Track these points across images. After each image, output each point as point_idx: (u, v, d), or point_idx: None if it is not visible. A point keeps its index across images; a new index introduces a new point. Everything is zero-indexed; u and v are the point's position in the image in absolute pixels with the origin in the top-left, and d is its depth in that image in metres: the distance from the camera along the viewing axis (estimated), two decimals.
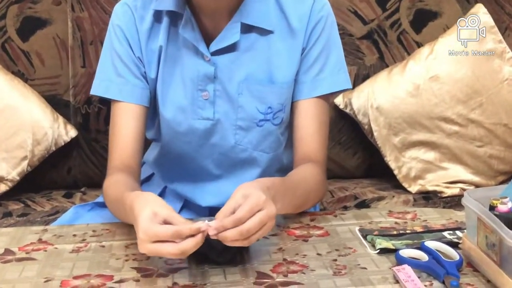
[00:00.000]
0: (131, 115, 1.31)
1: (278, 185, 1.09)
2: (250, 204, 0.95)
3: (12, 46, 1.89)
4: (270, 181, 1.07)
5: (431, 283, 0.95)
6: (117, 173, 1.26)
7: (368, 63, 1.98)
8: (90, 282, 0.98)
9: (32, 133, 1.80)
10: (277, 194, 1.05)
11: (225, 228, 0.94)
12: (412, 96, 1.85)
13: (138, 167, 1.32)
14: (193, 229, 0.94)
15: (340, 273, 0.99)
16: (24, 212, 1.75)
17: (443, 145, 1.87)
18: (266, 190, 1.00)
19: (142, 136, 1.33)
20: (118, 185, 1.20)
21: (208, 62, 1.29)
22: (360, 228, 1.16)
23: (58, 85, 1.90)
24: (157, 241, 0.94)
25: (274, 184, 1.07)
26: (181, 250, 0.93)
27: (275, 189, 1.05)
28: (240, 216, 0.94)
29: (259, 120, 1.33)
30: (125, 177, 1.24)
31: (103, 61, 1.34)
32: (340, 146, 1.98)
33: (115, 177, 1.25)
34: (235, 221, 0.94)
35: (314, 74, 1.32)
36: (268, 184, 1.04)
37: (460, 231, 1.12)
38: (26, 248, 1.12)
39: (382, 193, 1.86)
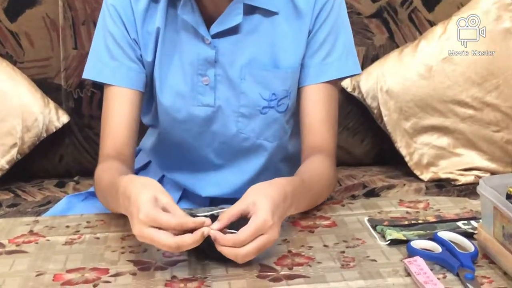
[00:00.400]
0: (125, 100, 1.30)
1: (297, 187, 1.09)
2: (254, 228, 0.95)
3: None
4: (290, 185, 1.06)
5: (444, 275, 0.95)
6: (109, 161, 1.26)
7: (377, 43, 1.97)
8: (84, 275, 0.98)
9: (22, 119, 1.80)
10: (294, 199, 1.06)
11: (223, 244, 0.95)
12: (424, 78, 1.85)
13: (131, 155, 1.32)
14: (197, 222, 0.94)
15: (348, 265, 0.99)
16: (14, 203, 1.76)
17: (457, 130, 1.86)
18: (281, 202, 1.01)
19: (137, 123, 1.32)
20: (110, 172, 1.20)
21: (208, 45, 1.28)
22: (369, 218, 1.16)
23: (49, 68, 1.90)
24: (155, 228, 0.94)
25: (294, 187, 1.07)
26: (177, 243, 0.93)
27: (293, 194, 1.05)
28: (241, 240, 0.95)
29: (263, 107, 1.32)
30: (118, 164, 1.24)
31: (96, 43, 1.34)
32: (347, 132, 1.98)
33: (107, 164, 1.25)
34: (235, 242, 0.95)
35: (321, 58, 1.31)
36: (287, 190, 1.04)
37: (475, 221, 1.13)
38: (17, 240, 1.12)
39: (392, 181, 1.86)
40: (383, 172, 1.94)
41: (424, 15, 1.97)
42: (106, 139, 1.30)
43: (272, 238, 0.97)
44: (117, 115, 1.30)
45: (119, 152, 1.28)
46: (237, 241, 0.95)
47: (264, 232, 0.96)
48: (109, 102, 1.32)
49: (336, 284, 0.93)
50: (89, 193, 1.44)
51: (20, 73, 1.84)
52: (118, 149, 1.28)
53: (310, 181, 1.17)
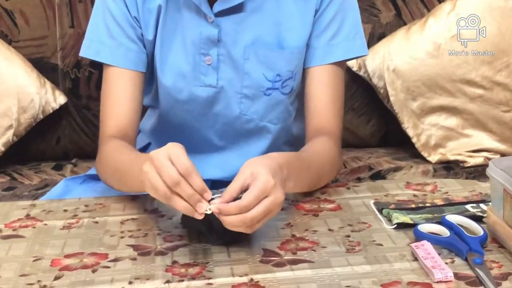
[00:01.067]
0: (126, 81, 1.30)
1: (293, 161, 1.08)
2: (257, 190, 0.94)
3: None
4: (283, 157, 1.06)
5: (452, 260, 0.95)
6: (116, 140, 1.25)
7: (384, 20, 1.96)
8: (82, 261, 0.99)
9: (18, 100, 1.80)
10: (290, 172, 1.04)
11: (228, 213, 0.94)
12: (432, 57, 1.84)
13: (134, 137, 1.32)
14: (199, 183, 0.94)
15: (353, 250, 1.00)
16: (11, 186, 1.76)
17: (466, 110, 1.86)
18: (278, 169, 0.99)
19: (139, 105, 1.32)
20: (123, 150, 1.20)
21: (211, 23, 1.28)
22: (375, 202, 1.16)
23: (45, 47, 1.90)
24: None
25: (288, 160, 1.06)
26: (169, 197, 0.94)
27: (288, 167, 1.04)
28: (246, 204, 0.93)
29: (267, 88, 1.32)
30: (126, 144, 1.24)
31: (95, 20, 1.33)
32: (353, 112, 1.97)
33: (114, 143, 1.25)
34: (240, 208, 0.93)
35: (327, 38, 1.31)
36: (281, 161, 1.02)
37: (484, 204, 1.12)
38: (13, 224, 1.12)
39: (399, 163, 1.86)
40: (389, 154, 1.94)
41: None
42: (107, 120, 1.30)
43: (278, 200, 0.95)
44: (118, 96, 1.30)
45: (122, 134, 1.28)
46: (242, 205, 0.93)
47: (268, 193, 0.94)
48: (109, 83, 1.31)
49: (341, 269, 0.94)
50: (87, 176, 1.44)
51: (16, 52, 1.84)
52: (121, 131, 1.29)
53: (308, 159, 1.16)
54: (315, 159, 1.19)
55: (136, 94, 1.31)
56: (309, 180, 1.16)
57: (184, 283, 0.91)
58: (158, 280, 0.92)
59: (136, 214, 1.15)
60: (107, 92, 1.32)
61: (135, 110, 1.31)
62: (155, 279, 0.92)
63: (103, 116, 1.32)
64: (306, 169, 1.14)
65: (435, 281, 0.89)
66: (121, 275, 0.94)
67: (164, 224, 1.10)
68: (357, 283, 0.89)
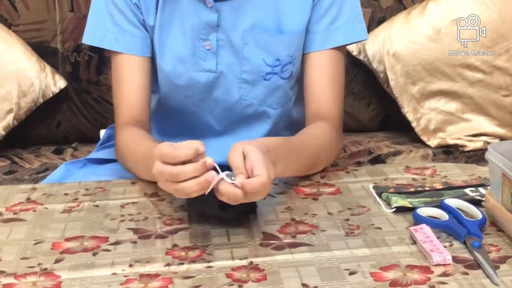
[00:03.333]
0: (134, 67, 1.30)
1: (281, 145, 1.08)
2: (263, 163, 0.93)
3: None
4: (270, 141, 1.05)
5: (451, 244, 0.96)
6: (131, 128, 1.26)
7: (384, 5, 1.96)
8: (83, 244, 0.99)
9: (17, 84, 1.80)
10: (278, 155, 1.04)
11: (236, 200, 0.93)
12: (432, 41, 1.84)
13: (148, 121, 1.33)
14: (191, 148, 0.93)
15: (352, 233, 1.00)
16: (11, 170, 1.77)
17: (465, 94, 1.86)
18: (266, 152, 0.99)
19: (149, 89, 1.33)
20: (137, 140, 1.21)
21: (210, 8, 1.28)
22: (375, 185, 1.17)
23: (45, 31, 1.89)
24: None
25: (277, 144, 1.06)
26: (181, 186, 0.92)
27: (275, 150, 1.03)
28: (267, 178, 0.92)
29: (266, 73, 1.32)
30: (140, 131, 1.25)
31: (96, 7, 1.33)
32: (353, 97, 1.97)
33: (129, 132, 1.26)
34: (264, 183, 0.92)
35: (327, 23, 1.31)
36: (268, 145, 1.02)
37: (483, 188, 1.13)
38: (14, 208, 1.13)
39: (398, 148, 1.87)
40: (389, 138, 1.94)
41: None
42: (121, 108, 1.31)
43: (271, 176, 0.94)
44: (129, 83, 1.30)
45: (136, 120, 1.29)
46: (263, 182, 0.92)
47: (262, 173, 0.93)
48: (117, 70, 1.32)
49: (340, 252, 0.94)
50: (87, 159, 1.45)
51: (15, 36, 1.84)
52: (135, 117, 1.30)
53: (300, 143, 1.16)
54: (308, 143, 1.19)
55: (144, 79, 1.31)
56: (300, 164, 1.16)
57: (184, 266, 0.91)
58: (158, 263, 0.92)
59: (137, 198, 1.15)
60: (116, 79, 1.32)
61: (146, 95, 1.32)
62: (155, 262, 0.92)
63: (115, 104, 1.33)
64: (297, 152, 1.13)
65: (433, 264, 0.89)
66: (122, 258, 0.94)
67: (164, 208, 1.10)
68: (356, 266, 0.90)
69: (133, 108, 1.30)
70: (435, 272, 0.88)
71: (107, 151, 1.47)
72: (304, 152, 1.16)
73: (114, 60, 1.33)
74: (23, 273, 0.91)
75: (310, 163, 1.20)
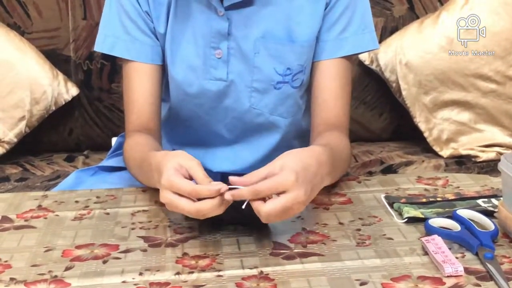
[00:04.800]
0: (144, 75, 1.31)
1: (330, 156, 1.06)
2: (273, 181, 0.94)
3: None
4: (325, 152, 1.04)
5: (463, 255, 0.95)
6: (137, 135, 1.27)
7: (397, 14, 1.95)
8: (93, 251, 0.99)
9: (30, 91, 1.81)
10: (330, 165, 1.04)
11: (241, 197, 0.94)
12: (445, 51, 1.83)
13: (158, 128, 1.33)
14: (211, 191, 0.94)
15: (364, 243, 0.99)
16: (23, 177, 1.77)
17: (478, 104, 1.85)
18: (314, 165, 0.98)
19: (159, 97, 1.33)
20: (140, 148, 1.22)
21: (221, 17, 1.28)
22: (386, 195, 1.16)
23: (58, 38, 1.90)
24: (177, 194, 0.95)
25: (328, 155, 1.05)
26: (197, 208, 0.94)
27: (328, 162, 1.03)
28: (258, 188, 0.93)
29: (277, 82, 1.32)
30: (146, 138, 1.26)
31: (107, 14, 1.33)
32: (365, 106, 1.97)
33: (134, 139, 1.27)
34: (251, 192, 0.94)
35: (337, 32, 1.30)
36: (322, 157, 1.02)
37: (496, 199, 1.12)
38: (25, 215, 1.13)
39: (410, 158, 1.86)
40: (401, 148, 1.93)
41: None
42: (130, 115, 1.32)
43: (298, 198, 0.94)
44: (138, 91, 1.31)
45: (145, 127, 1.30)
46: (252, 190, 0.93)
47: (286, 189, 0.93)
48: (128, 78, 1.32)
49: (351, 263, 0.94)
50: (99, 167, 1.45)
51: (28, 44, 1.85)
52: (144, 124, 1.30)
53: (337, 153, 1.15)
54: (339, 155, 1.18)
55: (154, 87, 1.32)
56: (336, 174, 1.17)
57: (194, 275, 0.91)
58: (168, 271, 0.92)
59: (147, 206, 1.15)
60: (127, 87, 1.33)
61: (155, 103, 1.32)
62: (165, 271, 0.92)
63: (125, 111, 1.34)
64: (337, 164, 1.14)
65: (445, 276, 0.89)
66: (132, 266, 0.94)
67: (175, 216, 1.10)
68: (367, 276, 0.89)
69: (141, 116, 1.31)
70: (447, 283, 0.87)
71: (118, 159, 1.47)
72: (339, 162, 1.16)
73: (124, 67, 1.33)
74: (33, 280, 0.91)
75: (339, 174, 1.21)
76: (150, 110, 1.31)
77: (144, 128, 1.29)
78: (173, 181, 0.95)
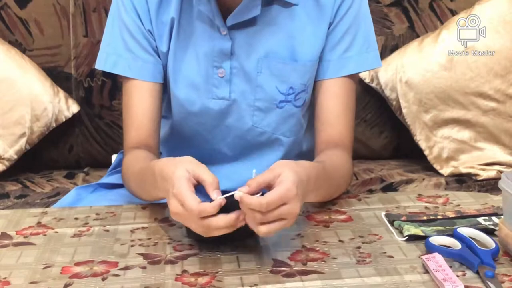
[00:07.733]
0: (144, 93, 1.31)
1: (320, 174, 1.09)
2: (279, 194, 0.94)
3: (8, 14, 1.89)
4: (314, 169, 1.07)
5: (464, 273, 0.95)
6: (136, 151, 1.28)
7: (397, 32, 1.96)
8: (93, 269, 0.99)
9: (31, 108, 1.81)
10: (317, 184, 1.06)
11: (249, 202, 0.94)
12: (445, 70, 1.84)
13: (157, 145, 1.34)
14: (215, 207, 0.95)
15: (364, 261, 0.99)
16: (23, 194, 1.77)
17: (478, 123, 1.85)
18: (305, 181, 1.00)
19: (159, 115, 1.34)
20: (140, 160, 1.22)
21: (224, 36, 1.28)
22: (387, 213, 1.16)
23: (59, 56, 1.91)
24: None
25: (318, 173, 1.07)
26: (204, 227, 0.95)
27: (316, 180, 1.05)
28: (268, 202, 0.94)
29: (279, 101, 1.32)
30: (145, 153, 1.26)
31: (110, 33, 1.34)
32: (365, 124, 1.97)
33: (133, 154, 1.27)
34: (261, 204, 0.94)
35: (341, 51, 1.31)
36: (311, 174, 1.04)
37: (496, 217, 1.12)
38: (24, 232, 1.13)
39: (411, 176, 1.86)
40: (401, 166, 1.93)
41: (446, 3, 1.96)
42: (129, 132, 1.32)
43: (294, 210, 0.96)
44: (138, 108, 1.31)
45: (144, 144, 1.30)
46: (263, 203, 0.93)
47: (287, 201, 0.95)
48: (128, 95, 1.33)
49: (351, 281, 0.93)
50: (98, 184, 1.45)
51: (30, 61, 1.85)
52: (143, 141, 1.30)
53: (330, 171, 1.17)
54: (334, 172, 1.19)
55: (155, 104, 1.32)
56: (326, 192, 1.17)
57: None
58: None
59: (147, 223, 1.15)
60: (127, 104, 1.33)
61: (155, 120, 1.32)
62: None
63: (124, 128, 1.34)
64: (327, 181, 1.15)
65: None
66: (131, 283, 0.94)
67: (174, 233, 1.10)
68: None
69: (140, 133, 1.31)
70: None
71: (118, 176, 1.47)
72: (332, 180, 1.17)
73: (125, 85, 1.33)
74: None
75: (334, 191, 1.21)
76: (149, 127, 1.31)
77: (143, 145, 1.30)
78: (183, 196, 0.96)
